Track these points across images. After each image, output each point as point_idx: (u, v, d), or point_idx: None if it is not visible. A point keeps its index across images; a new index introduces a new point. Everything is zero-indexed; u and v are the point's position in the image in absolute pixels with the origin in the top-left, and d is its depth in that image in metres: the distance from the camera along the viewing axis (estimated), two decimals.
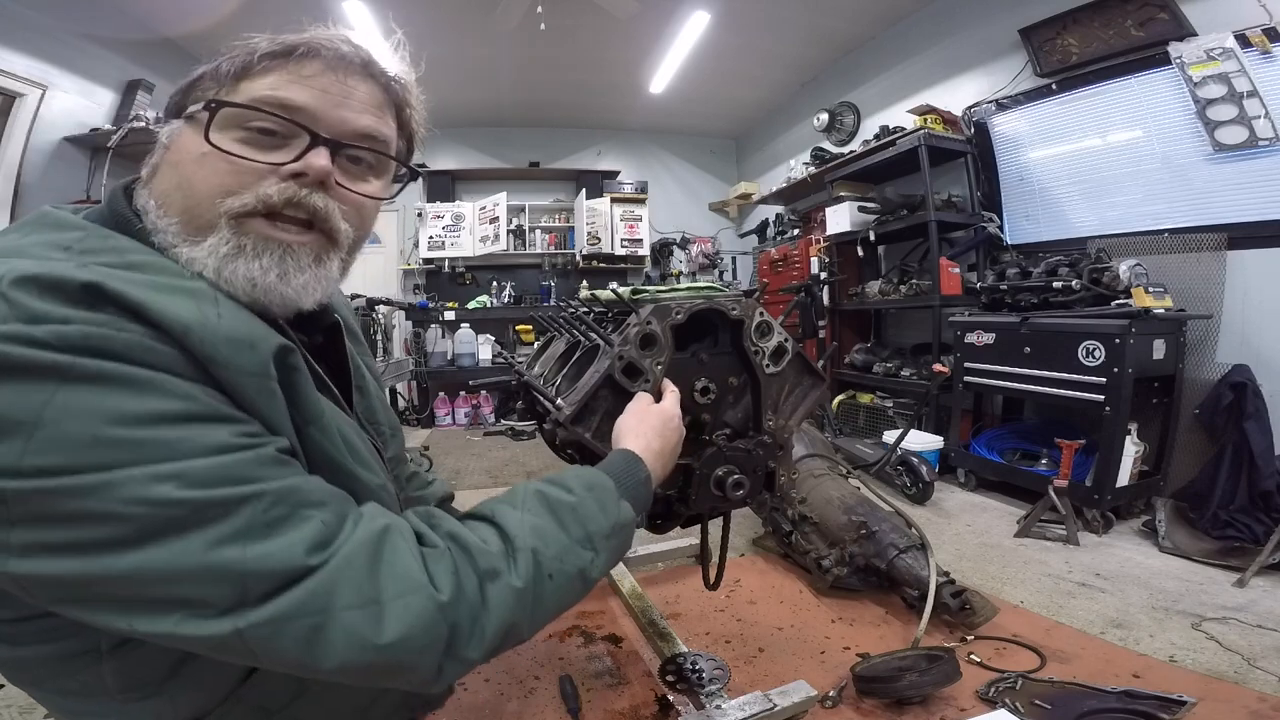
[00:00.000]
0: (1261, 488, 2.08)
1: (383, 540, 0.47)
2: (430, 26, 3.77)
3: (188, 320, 0.44)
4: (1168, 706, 1.17)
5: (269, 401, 0.48)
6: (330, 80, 0.56)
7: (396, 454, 0.83)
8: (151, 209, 0.53)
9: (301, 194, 0.53)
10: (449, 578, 0.48)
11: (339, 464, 0.54)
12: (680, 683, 1.25)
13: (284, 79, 0.54)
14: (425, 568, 0.47)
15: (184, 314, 0.44)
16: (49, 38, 2.93)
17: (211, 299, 0.47)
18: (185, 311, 0.44)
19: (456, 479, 3.24)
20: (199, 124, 0.53)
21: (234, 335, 0.46)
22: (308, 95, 0.54)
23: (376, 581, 0.45)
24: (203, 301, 0.46)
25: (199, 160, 0.52)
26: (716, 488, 0.92)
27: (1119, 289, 2.29)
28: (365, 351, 0.81)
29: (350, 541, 0.45)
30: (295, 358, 0.51)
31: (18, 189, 2.81)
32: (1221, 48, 2.33)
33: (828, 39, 4.22)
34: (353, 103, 0.57)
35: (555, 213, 5.76)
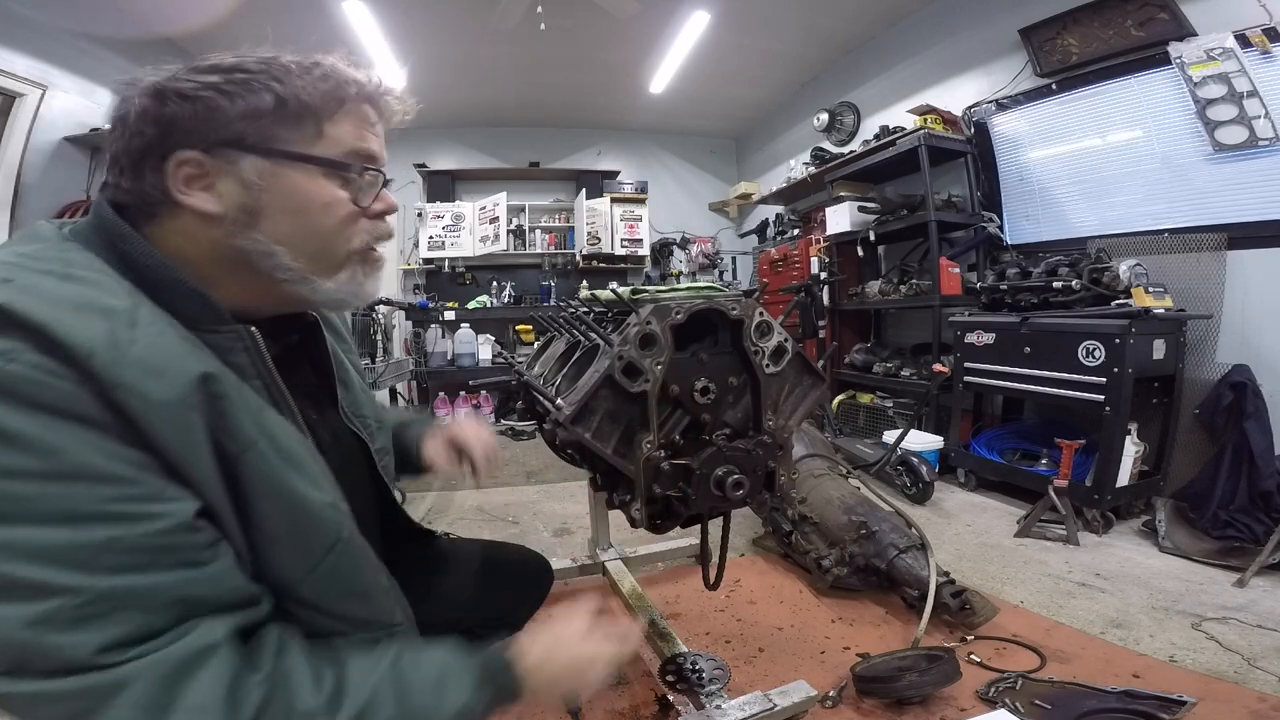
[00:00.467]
0: (1261, 488, 2.08)
1: (195, 663, 0.44)
2: (430, 26, 3.77)
3: (94, 343, 0.42)
4: (1168, 706, 1.17)
5: (182, 433, 0.45)
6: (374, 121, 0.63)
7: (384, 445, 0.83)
8: (278, 251, 0.56)
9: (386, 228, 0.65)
10: (251, 712, 0.45)
11: (281, 486, 0.52)
12: (680, 683, 1.25)
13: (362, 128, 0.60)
14: (231, 698, 0.45)
15: (91, 337, 0.42)
16: (49, 38, 2.93)
17: (128, 322, 0.45)
18: (94, 334, 0.43)
19: (456, 479, 3.22)
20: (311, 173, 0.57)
21: (143, 361, 0.44)
22: (375, 143, 0.62)
23: (168, 702, 0.42)
24: (117, 323, 0.45)
25: (325, 209, 0.58)
26: (716, 488, 0.92)
27: (1119, 289, 2.29)
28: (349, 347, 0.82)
29: (158, 655, 0.42)
30: (221, 385, 0.49)
31: (18, 189, 2.81)
32: (1221, 48, 2.33)
33: (828, 39, 4.21)
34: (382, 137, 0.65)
35: (555, 213, 5.76)
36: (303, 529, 0.54)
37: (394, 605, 0.64)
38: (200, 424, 0.47)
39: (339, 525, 0.57)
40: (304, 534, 0.54)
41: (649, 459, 0.91)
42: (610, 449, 0.91)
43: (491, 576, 1.01)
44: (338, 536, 0.57)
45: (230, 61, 0.55)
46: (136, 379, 0.43)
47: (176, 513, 0.44)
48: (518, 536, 2.34)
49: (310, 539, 0.55)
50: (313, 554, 0.55)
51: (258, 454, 0.51)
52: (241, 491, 0.50)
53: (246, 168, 0.54)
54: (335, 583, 0.57)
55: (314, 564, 0.55)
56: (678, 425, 0.97)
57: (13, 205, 2.79)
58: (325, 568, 0.55)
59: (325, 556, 0.55)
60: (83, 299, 0.45)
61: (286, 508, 0.52)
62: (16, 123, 2.83)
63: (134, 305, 0.47)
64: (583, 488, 2.28)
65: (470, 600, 0.98)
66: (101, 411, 0.42)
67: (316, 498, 0.55)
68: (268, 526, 0.51)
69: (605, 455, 0.91)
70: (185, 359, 0.48)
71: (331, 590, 0.57)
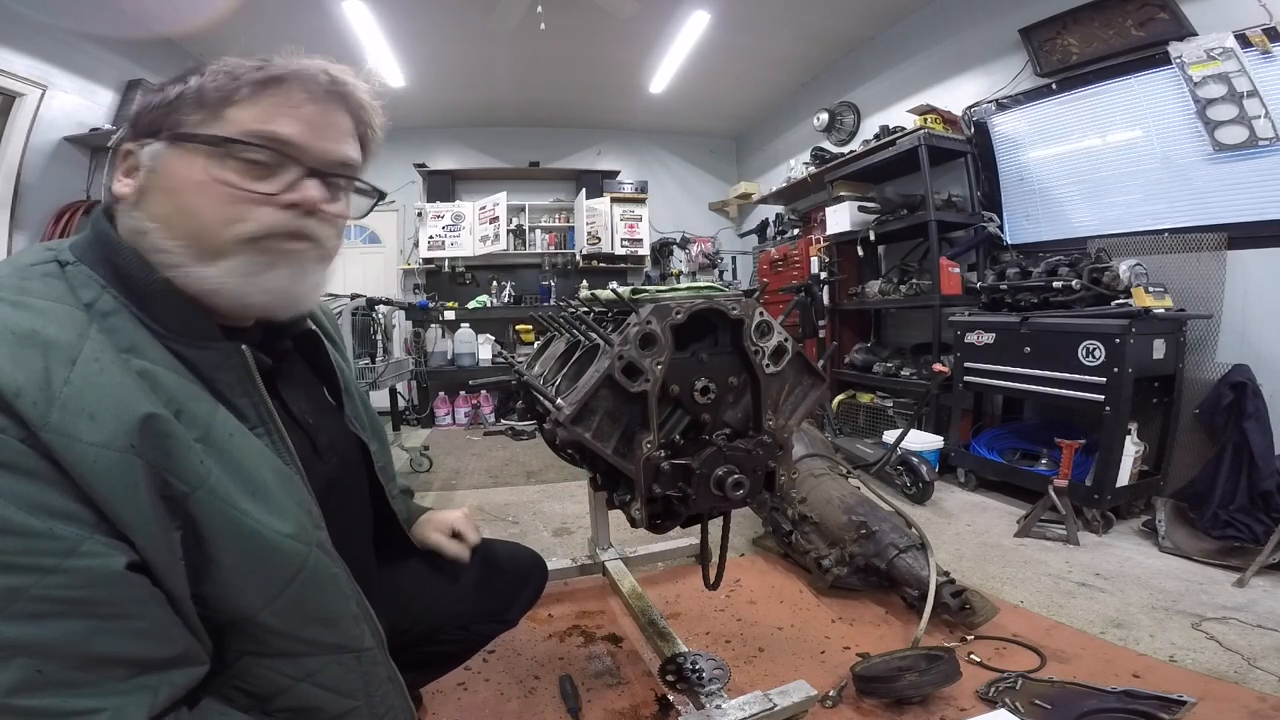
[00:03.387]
0: (1261, 487, 2.08)
1: None
2: (430, 26, 3.77)
3: (21, 383, 0.41)
4: (1168, 706, 1.17)
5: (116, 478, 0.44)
6: (313, 111, 0.59)
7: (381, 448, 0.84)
8: (152, 230, 0.54)
9: (300, 223, 0.58)
10: None
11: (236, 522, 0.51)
12: (680, 682, 1.25)
13: (271, 110, 0.56)
14: None
15: (20, 376, 0.42)
16: (49, 38, 2.93)
17: (66, 359, 0.44)
18: (26, 372, 0.42)
19: (456, 479, 3.24)
20: (193, 153, 0.55)
21: (75, 402, 0.43)
22: (295, 128, 0.57)
23: None
24: (54, 360, 0.43)
25: (199, 188, 0.54)
26: (716, 488, 0.92)
27: (1119, 289, 2.29)
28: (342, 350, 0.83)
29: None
30: (166, 424, 0.47)
31: (18, 189, 2.81)
32: (1221, 47, 2.33)
33: (828, 39, 4.21)
34: (332, 133, 0.61)
35: (555, 212, 5.76)
36: (261, 562, 0.53)
37: (363, 630, 0.64)
38: (139, 467, 0.45)
39: (301, 557, 0.56)
40: (263, 567, 0.53)
41: (649, 459, 0.91)
42: (610, 449, 0.91)
43: (486, 574, 1.02)
44: (300, 568, 0.56)
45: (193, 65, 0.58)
46: (66, 421, 0.42)
47: (96, 566, 0.43)
48: (518, 536, 2.34)
49: (270, 571, 0.53)
50: (273, 585, 0.54)
51: (208, 490, 0.49)
52: (197, 529, 0.49)
53: (147, 152, 0.55)
54: (298, 611, 0.56)
55: (274, 594, 0.54)
56: (678, 425, 0.97)
57: (13, 205, 2.79)
58: (287, 597, 0.54)
59: (287, 587, 0.54)
60: (25, 329, 0.44)
61: (242, 543, 0.51)
62: (16, 123, 2.83)
63: (79, 338, 0.46)
64: (583, 488, 2.28)
65: (464, 597, 0.99)
66: (24, 456, 0.41)
67: (276, 530, 0.54)
68: (224, 560, 0.50)
69: (605, 455, 0.91)
70: (125, 398, 0.46)
71: (294, 618, 0.56)
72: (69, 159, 3.03)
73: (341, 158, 0.61)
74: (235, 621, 0.53)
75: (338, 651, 0.60)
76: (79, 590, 0.42)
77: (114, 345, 0.49)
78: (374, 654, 0.65)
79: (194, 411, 0.51)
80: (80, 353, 0.45)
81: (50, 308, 0.47)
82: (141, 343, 0.51)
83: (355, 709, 0.62)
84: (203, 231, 0.54)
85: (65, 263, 0.52)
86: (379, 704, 0.65)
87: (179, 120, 0.55)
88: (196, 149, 0.54)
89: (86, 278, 0.52)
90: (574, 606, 1.73)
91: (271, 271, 0.57)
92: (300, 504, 0.58)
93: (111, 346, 0.48)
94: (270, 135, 0.56)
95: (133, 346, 0.50)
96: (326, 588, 0.59)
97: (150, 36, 3.52)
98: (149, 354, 0.51)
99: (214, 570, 0.50)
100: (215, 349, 0.55)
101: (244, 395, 0.57)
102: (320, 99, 0.59)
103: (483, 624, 1.03)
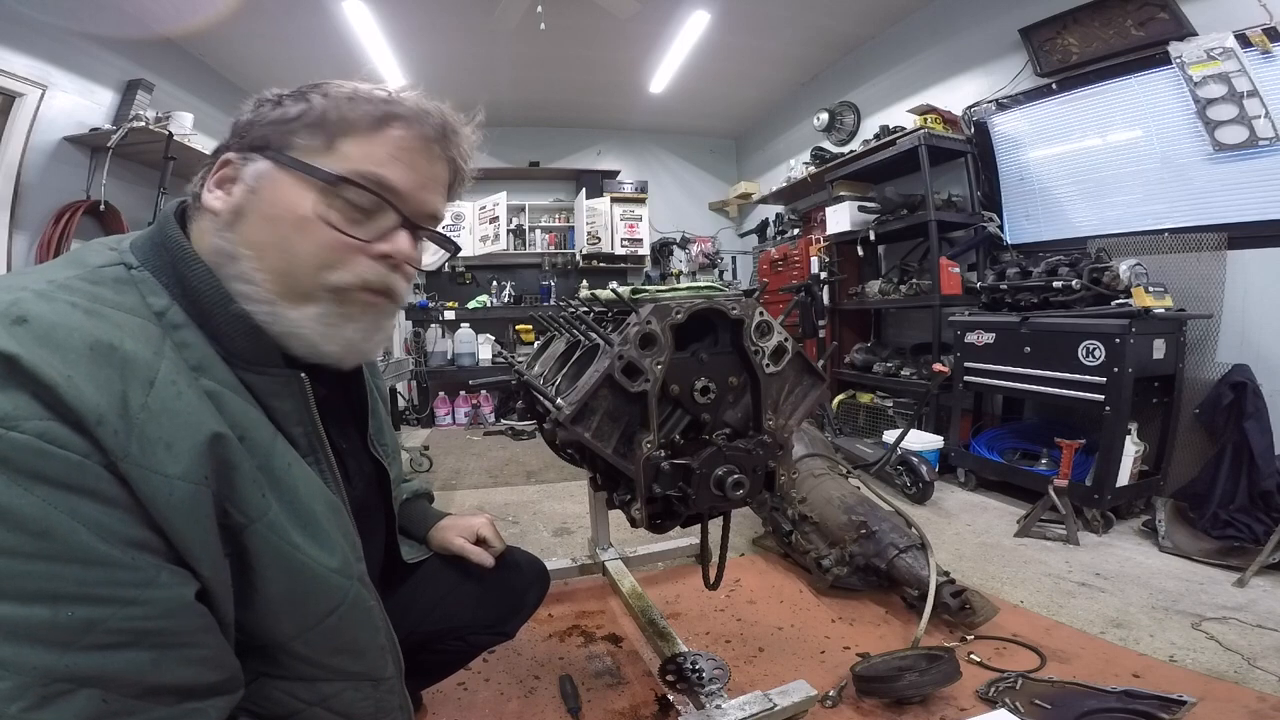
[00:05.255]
0: (1261, 487, 2.08)
1: None
2: (430, 26, 3.76)
3: (103, 409, 0.40)
4: (1168, 706, 1.17)
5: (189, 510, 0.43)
6: (420, 160, 0.57)
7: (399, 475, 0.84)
8: (245, 257, 0.52)
9: (388, 277, 0.57)
10: None
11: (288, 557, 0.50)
12: (680, 682, 1.25)
13: (384, 152, 0.55)
14: None
15: (101, 402, 0.40)
16: (49, 37, 2.93)
17: (145, 380, 0.43)
18: (104, 397, 0.40)
19: (456, 479, 3.24)
20: (303, 183, 0.53)
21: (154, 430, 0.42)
22: (403, 176, 0.56)
23: None
24: (132, 383, 0.42)
25: (299, 225, 0.52)
26: (716, 487, 0.92)
27: (1119, 289, 2.29)
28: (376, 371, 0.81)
29: None
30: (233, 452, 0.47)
31: (18, 189, 2.81)
32: (1222, 47, 2.33)
33: (828, 39, 4.21)
34: (433, 185, 0.59)
35: (555, 212, 5.76)
36: (305, 595, 0.53)
37: (387, 660, 0.63)
38: (208, 499, 0.45)
39: (344, 591, 0.56)
40: (306, 600, 0.53)
41: (649, 459, 0.91)
42: (610, 449, 0.91)
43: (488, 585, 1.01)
44: (341, 601, 0.55)
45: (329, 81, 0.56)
46: (145, 451, 0.41)
47: (170, 598, 0.42)
48: (518, 536, 2.34)
49: (312, 604, 0.53)
50: (312, 617, 0.54)
51: (266, 524, 0.49)
52: (247, 559, 0.49)
53: (250, 170, 0.54)
54: (329, 641, 0.56)
55: (311, 625, 0.54)
56: (678, 425, 0.97)
57: (13, 205, 2.79)
58: (323, 629, 0.54)
59: (325, 619, 0.54)
60: (103, 342, 0.42)
61: (291, 576, 0.51)
62: (16, 123, 2.82)
63: (157, 354, 0.45)
64: (583, 488, 2.28)
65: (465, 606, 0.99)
66: (105, 485, 0.40)
67: (325, 564, 0.53)
68: (269, 591, 0.50)
69: (605, 455, 0.91)
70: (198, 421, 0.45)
71: (325, 647, 0.56)
72: (69, 159, 3.02)
73: (434, 211, 0.60)
74: (264, 647, 0.52)
75: (358, 680, 0.60)
76: (154, 621, 0.42)
77: (186, 362, 0.47)
78: (392, 683, 0.64)
79: (256, 439, 0.50)
80: (158, 374, 0.44)
81: (126, 320, 0.45)
82: (209, 362, 0.49)
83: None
84: (296, 271, 0.53)
85: (130, 266, 0.50)
86: None
87: (292, 143, 0.54)
88: (309, 180, 0.52)
89: (154, 285, 0.49)
90: (574, 606, 1.73)
91: (350, 324, 0.56)
92: (345, 536, 0.57)
93: (184, 364, 0.47)
94: (380, 180, 0.54)
95: (201, 365, 0.49)
96: (362, 621, 0.59)
97: (150, 36, 3.52)
98: (216, 374, 0.49)
99: (256, 599, 0.50)
100: (275, 375, 0.54)
101: (298, 424, 0.55)
102: (429, 148, 0.58)
103: (481, 635, 1.03)
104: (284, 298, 0.53)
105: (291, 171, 0.53)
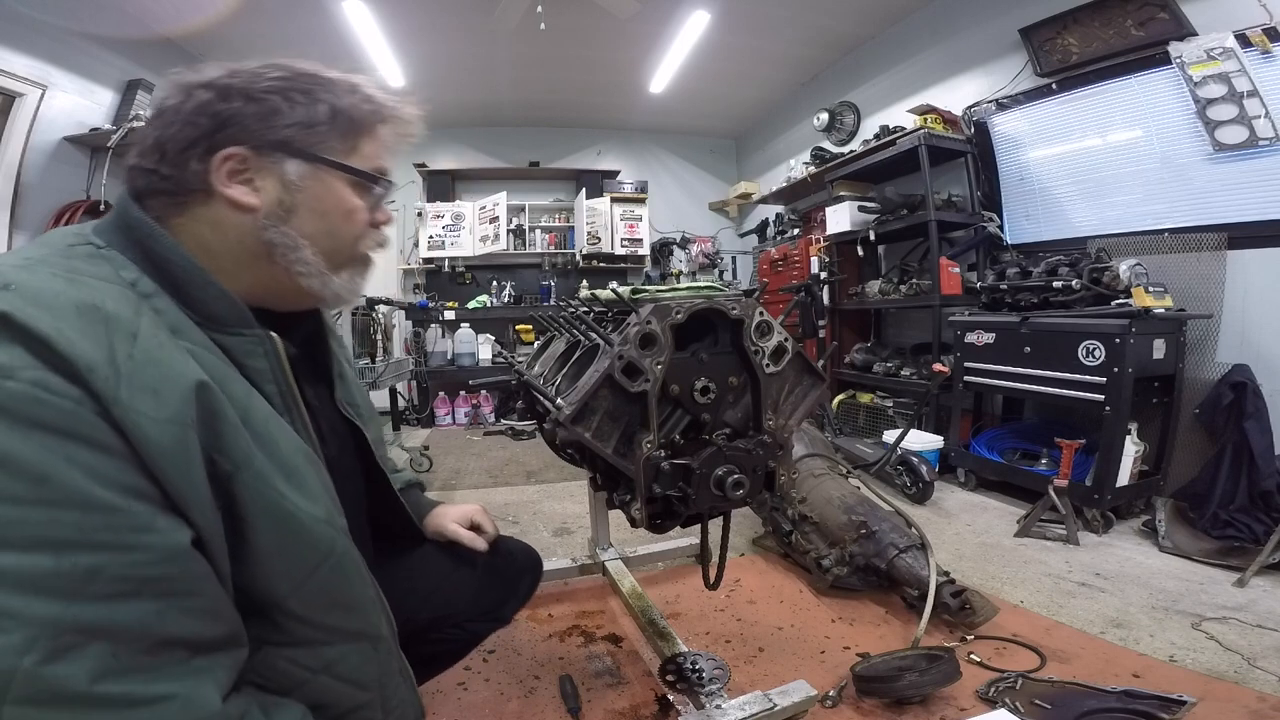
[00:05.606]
0: (1261, 487, 2.08)
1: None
2: (430, 26, 3.77)
3: (94, 358, 0.42)
4: (1168, 706, 1.17)
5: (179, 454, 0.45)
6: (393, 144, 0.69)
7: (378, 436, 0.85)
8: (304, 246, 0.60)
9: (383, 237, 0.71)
10: None
11: (275, 504, 0.52)
12: (680, 682, 1.25)
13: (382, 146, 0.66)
14: None
15: (91, 352, 0.42)
16: (49, 37, 2.93)
17: (129, 332, 0.45)
18: (94, 349, 0.42)
19: (456, 479, 3.24)
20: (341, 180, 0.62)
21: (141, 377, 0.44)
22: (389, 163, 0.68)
23: None
24: (117, 335, 0.44)
25: (347, 216, 0.64)
26: (716, 487, 0.92)
27: (1119, 289, 2.29)
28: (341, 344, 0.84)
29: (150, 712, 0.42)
30: (216, 400, 0.49)
31: (17, 189, 2.81)
32: (1222, 47, 2.33)
33: (828, 39, 4.21)
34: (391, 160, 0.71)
35: (555, 212, 5.76)
36: (294, 545, 0.54)
37: (380, 617, 0.65)
38: (195, 445, 0.46)
39: (332, 540, 0.57)
40: (296, 550, 0.54)
41: (649, 459, 0.91)
42: (610, 449, 0.91)
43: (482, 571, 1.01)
44: (330, 551, 0.57)
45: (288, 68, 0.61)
46: (133, 397, 0.43)
47: (167, 543, 0.44)
48: (518, 536, 2.33)
49: (302, 554, 0.55)
50: (303, 569, 0.55)
51: (253, 473, 0.51)
52: (236, 509, 0.50)
53: (290, 169, 0.59)
54: (323, 596, 0.57)
55: (303, 579, 0.55)
56: (678, 425, 0.97)
57: (13, 205, 2.79)
58: (315, 582, 0.55)
59: (316, 571, 0.55)
60: (86, 302, 0.44)
61: (280, 525, 0.52)
62: (16, 123, 2.83)
63: (136, 313, 0.47)
64: (583, 488, 2.28)
65: (461, 593, 0.99)
66: (99, 431, 0.42)
67: (310, 513, 0.55)
68: (260, 543, 0.51)
69: (605, 455, 0.91)
70: (180, 368, 0.47)
71: (319, 603, 0.57)
72: (69, 159, 3.03)
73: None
74: (261, 608, 0.53)
75: (357, 639, 0.61)
76: (154, 568, 0.43)
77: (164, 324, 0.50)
78: (389, 644, 0.66)
79: (233, 393, 0.52)
80: (139, 328, 0.46)
81: (104, 286, 0.47)
82: (184, 325, 0.52)
83: (369, 702, 0.62)
84: (341, 249, 0.64)
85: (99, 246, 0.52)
86: (391, 696, 0.65)
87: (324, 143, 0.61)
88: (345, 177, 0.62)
89: (123, 261, 0.52)
90: (574, 606, 1.73)
91: (361, 277, 0.69)
92: (326, 489, 0.59)
93: (163, 325, 0.49)
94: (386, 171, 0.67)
95: (177, 328, 0.51)
96: (351, 573, 0.60)
97: (150, 36, 3.52)
98: (191, 336, 0.52)
99: (248, 552, 0.51)
100: (249, 335, 0.57)
101: (272, 382, 0.58)
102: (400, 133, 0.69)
103: (477, 622, 1.03)
104: (331, 270, 0.63)
105: (333, 172, 0.61)
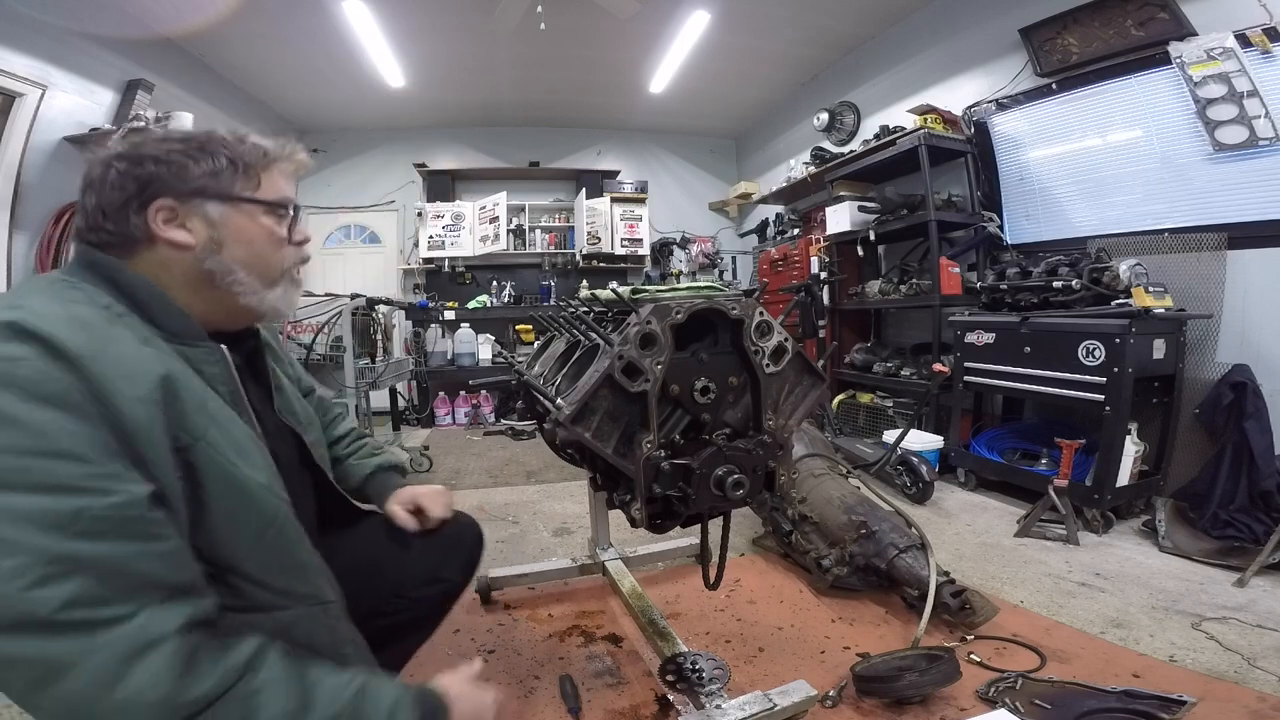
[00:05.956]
0: (1261, 487, 2.08)
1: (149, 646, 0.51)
2: (430, 26, 3.76)
3: (83, 349, 0.55)
4: (1168, 706, 1.17)
5: (146, 424, 0.56)
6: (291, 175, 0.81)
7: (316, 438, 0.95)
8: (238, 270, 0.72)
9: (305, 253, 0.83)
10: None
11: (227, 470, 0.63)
12: (680, 682, 1.25)
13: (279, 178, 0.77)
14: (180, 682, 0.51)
15: (82, 348, 0.55)
16: (49, 37, 2.93)
17: (104, 336, 0.58)
18: (84, 346, 0.55)
19: (456, 479, 3.24)
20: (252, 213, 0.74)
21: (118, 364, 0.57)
22: (292, 189, 0.80)
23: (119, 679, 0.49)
24: (95, 335, 0.57)
25: (268, 238, 0.75)
26: (716, 487, 0.92)
27: (1119, 289, 2.29)
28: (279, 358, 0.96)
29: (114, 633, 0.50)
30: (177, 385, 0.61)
31: (17, 189, 2.81)
32: (1222, 47, 2.33)
33: (828, 39, 4.21)
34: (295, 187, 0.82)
35: (555, 212, 5.77)
36: (246, 508, 0.64)
37: (325, 583, 0.75)
38: (160, 418, 0.58)
39: (276, 506, 0.68)
40: (247, 512, 0.65)
41: (649, 459, 0.91)
42: (610, 449, 0.92)
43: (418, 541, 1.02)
44: (275, 514, 0.68)
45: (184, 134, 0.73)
46: (112, 381, 0.55)
47: (134, 492, 0.53)
48: (518, 536, 2.34)
49: (252, 516, 0.65)
50: (254, 530, 0.65)
51: (207, 443, 0.62)
52: (194, 476, 0.60)
53: (211, 210, 0.71)
54: (275, 557, 0.67)
55: (255, 539, 0.65)
56: (678, 425, 0.97)
57: (13, 205, 2.79)
58: (266, 543, 0.66)
59: (264, 534, 0.66)
60: (74, 316, 0.58)
61: (232, 489, 0.63)
62: (16, 123, 2.82)
63: (108, 322, 0.60)
64: (583, 488, 2.28)
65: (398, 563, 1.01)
66: (87, 402, 0.53)
67: (256, 480, 0.66)
68: (215, 505, 0.61)
69: (605, 455, 0.91)
70: (149, 363, 0.60)
71: (272, 564, 0.67)
72: (69, 159, 3.02)
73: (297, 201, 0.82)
74: (223, 573, 0.63)
75: (308, 603, 0.71)
76: (127, 510, 0.52)
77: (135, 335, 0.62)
78: (336, 609, 0.76)
79: (193, 388, 0.64)
80: (116, 334, 0.60)
81: (85, 308, 0.61)
82: (151, 338, 0.64)
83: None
84: (269, 268, 0.76)
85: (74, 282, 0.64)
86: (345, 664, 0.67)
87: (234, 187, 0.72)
88: (256, 209, 0.74)
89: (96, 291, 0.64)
90: (574, 606, 1.73)
91: (293, 290, 0.80)
92: (268, 465, 0.70)
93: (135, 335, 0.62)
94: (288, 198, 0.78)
95: (146, 339, 0.63)
96: (294, 538, 0.71)
97: (150, 36, 3.52)
98: (158, 345, 0.64)
99: (205, 517, 0.61)
100: (204, 346, 0.70)
101: (224, 384, 0.71)
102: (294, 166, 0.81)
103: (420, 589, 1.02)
104: (265, 287, 0.76)
105: (244, 207, 0.73)
